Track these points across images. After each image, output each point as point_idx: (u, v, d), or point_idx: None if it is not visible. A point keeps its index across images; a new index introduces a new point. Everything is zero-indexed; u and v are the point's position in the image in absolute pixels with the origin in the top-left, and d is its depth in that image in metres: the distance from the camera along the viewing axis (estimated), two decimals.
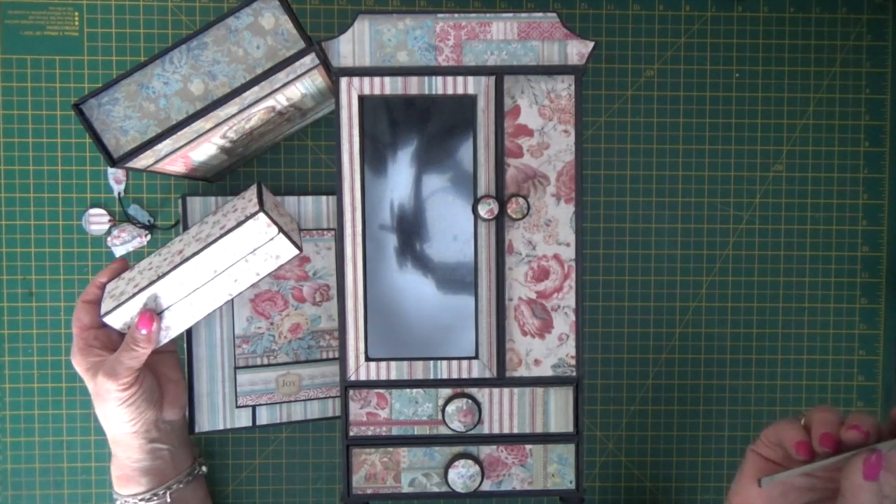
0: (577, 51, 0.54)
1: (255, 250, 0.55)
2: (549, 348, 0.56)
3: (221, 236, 0.54)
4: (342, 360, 0.56)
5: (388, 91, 0.54)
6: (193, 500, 0.62)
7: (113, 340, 0.57)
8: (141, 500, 0.58)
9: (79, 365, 0.56)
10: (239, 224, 0.54)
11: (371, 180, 0.55)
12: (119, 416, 0.56)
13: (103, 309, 0.55)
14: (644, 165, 0.69)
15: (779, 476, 0.44)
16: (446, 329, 0.56)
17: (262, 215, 0.54)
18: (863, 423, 0.40)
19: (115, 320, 0.55)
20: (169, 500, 0.59)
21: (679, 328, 0.70)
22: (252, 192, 0.59)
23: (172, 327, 0.57)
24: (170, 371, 0.61)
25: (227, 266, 0.55)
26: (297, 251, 0.57)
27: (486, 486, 0.57)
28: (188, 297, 0.55)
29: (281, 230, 0.55)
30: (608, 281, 0.69)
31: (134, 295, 0.54)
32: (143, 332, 0.54)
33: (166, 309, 0.56)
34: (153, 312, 0.55)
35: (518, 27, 0.54)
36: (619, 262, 0.69)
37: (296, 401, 0.66)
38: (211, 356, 0.64)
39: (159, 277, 0.54)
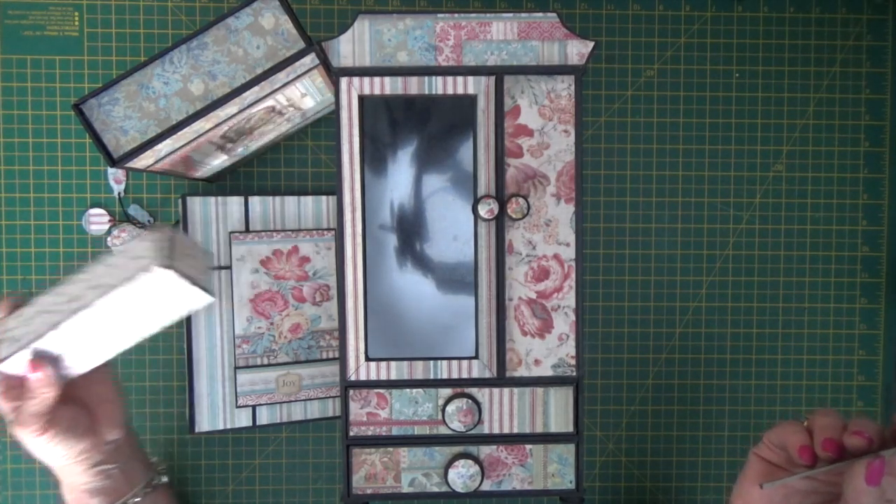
0: (577, 51, 0.54)
1: (157, 300, 0.50)
2: (549, 348, 0.56)
3: (114, 287, 0.48)
4: (342, 360, 0.56)
5: (388, 91, 0.54)
6: None
7: None
8: None
9: None
10: (131, 277, 0.48)
11: (371, 180, 0.55)
12: (50, 454, 0.52)
13: (0, 354, 0.50)
14: (644, 165, 0.69)
15: (780, 481, 0.44)
16: (446, 329, 0.56)
17: (157, 269, 0.48)
18: (866, 428, 0.40)
19: (14, 366, 0.50)
20: None
21: (679, 328, 0.70)
22: (152, 239, 0.51)
23: (75, 367, 0.52)
24: (101, 389, 0.56)
25: (128, 315, 0.51)
26: (209, 298, 0.51)
27: (486, 486, 0.57)
28: (90, 342, 0.51)
29: (187, 277, 0.49)
30: (608, 281, 0.69)
31: (28, 343, 0.49)
32: (39, 375, 0.49)
33: (64, 353, 0.51)
34: (43, 357, 0.50)
35: (518, 27, 0.54)
36: (619, 262, 0.69)
37: (296, 401, 0.66)
38: (211, 356, 0.64)
39: (51, 327, 0.49)
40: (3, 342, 0.51)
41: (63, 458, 0.53)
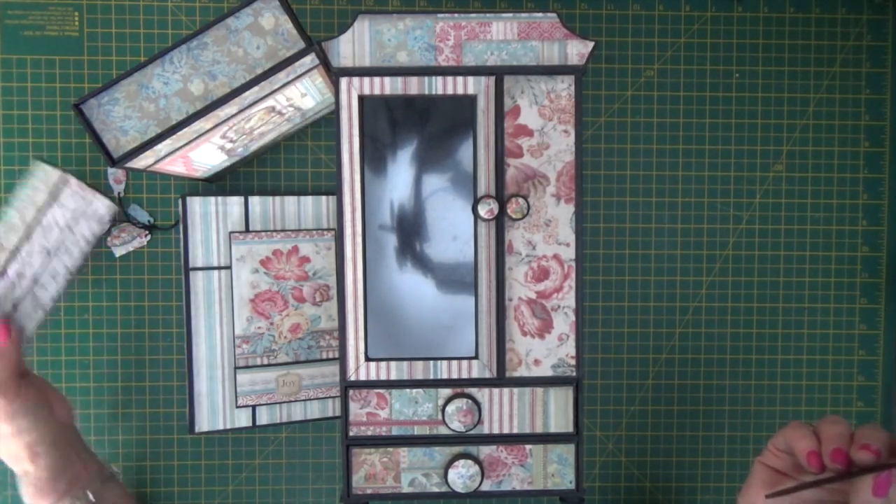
0: (577, 51, 0.54)
1: (76, 216, 0.55)
2: (549, 348, 0.56)
3: (39, 217, 0.53)
4: (342, 360, 0.56)
5: (388, 91, 0.54)
6: (114, 499, 0.60)
7: None
8: None
9: None
10: (53, 198, 0.54)
11: (371, 180, 0.55)
12: (13, 428, 0.53)
13: None
14: (644, 165, 0.69)
15: (786, 490, 0.43)
16: (446, 329, 0.56)
17: (73, 179, 0.54)
18: (873, 441, 0.39)
19: None
20: (93, 498, 0.57)
21: (679, 328, 0.70)
22: (46, 170, 0.58)
23: (26, 324, 0.56)
24: (41, 383, 0.58)
25: (55, 243, 0.54)
26: (110, 204, 0.56)
27: (486, 486, 0.57)
28: (32, 290, 0.54)
29: (96, 190, 0.55)
30: (608, 281, 0.69)
31: None
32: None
33: (13, 309, 0.54)
34: (4, 320, 0.53)
35: (518, 27, 0.54)
36: (619, 262, 0.69)
37: (296, 401, 0.66)
38: (211, 356, 0.64)
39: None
40: None
41: (26, 432, 0.54)
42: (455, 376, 0.56)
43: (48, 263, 0.54)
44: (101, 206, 0.56)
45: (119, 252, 0.67)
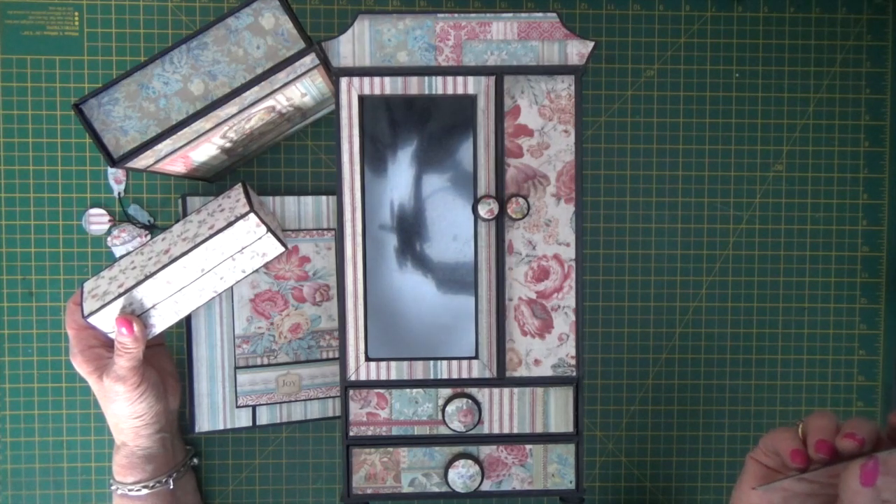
0: (577, 51, 0.54)
1: (242, 249, 0.56)
2: (549, 348, 0.56)
3: (211, 236, 0.54)
4: (342, 360, 0.56)
5: (388, 91, 0.54)
6: (189, 488, 0.64)
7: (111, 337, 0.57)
8: (144, 486, 0.59)
9: (81, 366, 0.57)
10: (229, 224, 0.55)
11: (371, 180, 0.55)
12: (129, 411, 0.57)
13: (86, 309, 0.55)
14: (644, 165, 0.69)
15: (773, 484, 0.44)
16: (446, 329, 0.56)
17: (252, 216, 0.55)
18: (858, 430, 0.40)
19: (100, 320, 0.55)
20: (172, 486, 0.60)
21: (679, 328, 0.70)
22: (239, 192, 0.60)
23: (157, 325, 0.57)
24: (164, 363, 0.62)
25: (215, 265, 0.56)
26: (282, 249, 0.58)
27: (486, 486, 0.57)
28: (174, 296, 0.56)
29: (269, 229, 0.56)
30: (608, 281, 0.69)
31: (120, 295, 0.54)
32: (125, 331, 0.54)
33: (151, 308, 0.56)
34: (130, 315, 0.55)
35: (518, 27, 0.54)
36: (619, 262, 0.69)
37: (296, 401, 0.66)
38: (211, 356, 0.64)
39: (147, 277, 0.54)
40: (90, 299, 0.56)
41: (139, 418, 0.58)
42: (455, 376, 0.56)
43: (199, 279, 0.56)
44: (269, 247, 0.57)
45: (119, 252, 0.67)
